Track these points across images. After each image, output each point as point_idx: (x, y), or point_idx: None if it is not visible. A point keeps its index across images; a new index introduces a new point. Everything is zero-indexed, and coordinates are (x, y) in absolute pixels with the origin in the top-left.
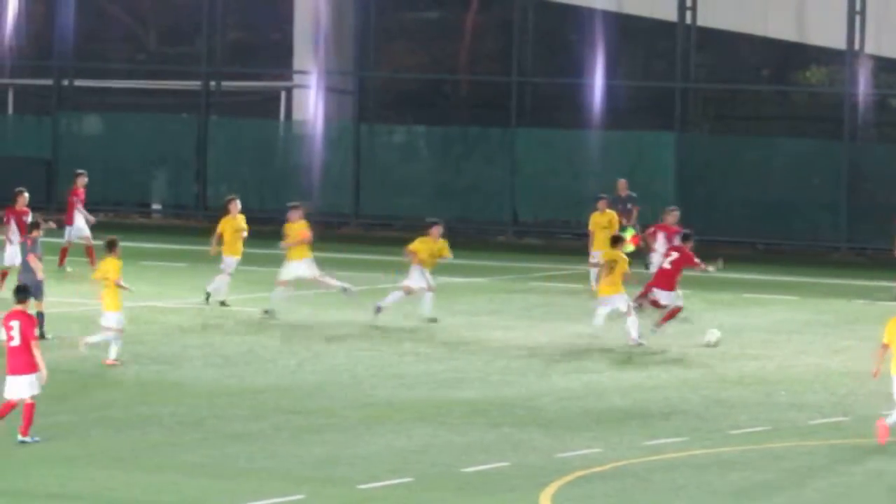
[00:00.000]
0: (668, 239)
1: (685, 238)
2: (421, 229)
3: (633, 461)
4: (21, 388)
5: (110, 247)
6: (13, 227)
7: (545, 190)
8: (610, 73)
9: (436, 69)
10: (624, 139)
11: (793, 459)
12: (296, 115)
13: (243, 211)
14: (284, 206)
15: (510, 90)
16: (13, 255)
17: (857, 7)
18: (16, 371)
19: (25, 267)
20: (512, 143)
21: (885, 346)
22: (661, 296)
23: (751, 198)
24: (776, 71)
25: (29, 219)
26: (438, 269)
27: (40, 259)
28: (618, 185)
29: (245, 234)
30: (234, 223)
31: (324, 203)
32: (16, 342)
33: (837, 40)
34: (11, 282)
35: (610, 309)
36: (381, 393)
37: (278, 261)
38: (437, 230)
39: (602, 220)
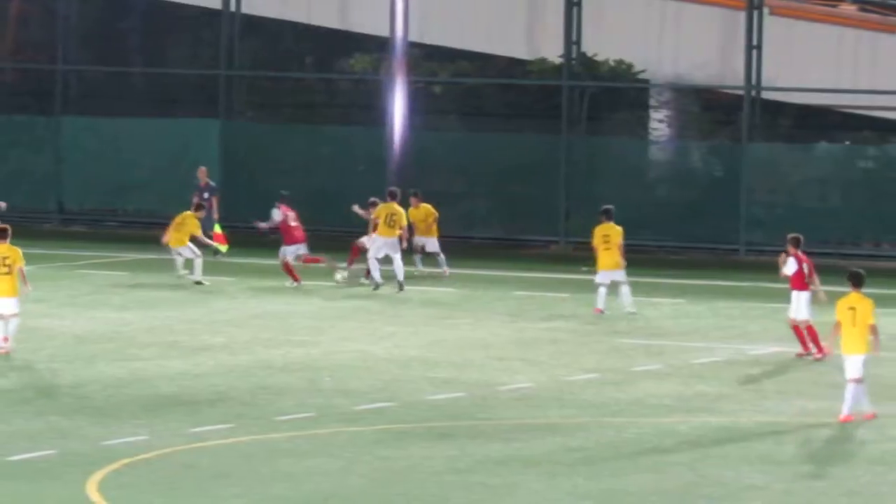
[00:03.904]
0: None
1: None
2: None
3: (178, 448)
4: None
5: (2, 234)
6: None
7: (91, 178)
8: (156, 60)
9: None
10: (170, 127)
11: (338, 445)
12: None
13: None
14: None
15: (55, 78)
16: None
17: None
18: None
19: None
20: (57, 132)
21: (839, 325)
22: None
23: (296, 185)
24: (320, 59)
25: None
26: None
27: None
28: (198, 174)
29: None
30: None
31: None
32: None
33: (381, 28)
34: None
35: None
36: None
37: None
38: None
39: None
